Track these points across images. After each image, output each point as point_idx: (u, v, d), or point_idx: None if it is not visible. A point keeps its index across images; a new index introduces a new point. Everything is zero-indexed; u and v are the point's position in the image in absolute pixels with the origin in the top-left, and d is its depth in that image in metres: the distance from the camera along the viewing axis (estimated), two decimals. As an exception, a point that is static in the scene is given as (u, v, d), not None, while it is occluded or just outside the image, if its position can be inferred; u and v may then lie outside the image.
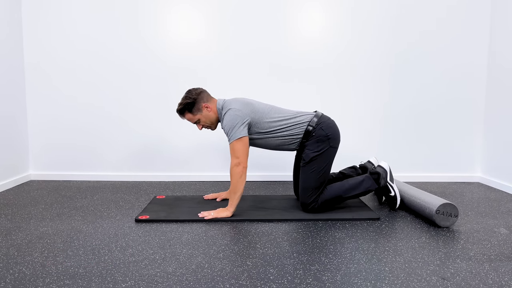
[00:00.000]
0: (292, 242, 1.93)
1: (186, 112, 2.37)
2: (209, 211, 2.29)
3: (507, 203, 2.70)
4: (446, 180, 3.40)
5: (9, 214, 2.35)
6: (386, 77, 3.32)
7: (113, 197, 2.78)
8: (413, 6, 3.26)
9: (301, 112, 2.43)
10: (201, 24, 3.25)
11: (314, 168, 2.32)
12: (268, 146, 2.43)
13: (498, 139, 3.20)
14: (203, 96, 2.37)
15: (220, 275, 1.57)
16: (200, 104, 2.35)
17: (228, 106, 2.30)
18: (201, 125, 2.42)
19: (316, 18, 3.26)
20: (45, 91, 3.26)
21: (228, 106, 2.30)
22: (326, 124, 2.37)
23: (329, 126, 2.37)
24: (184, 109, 2.36)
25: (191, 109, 2.35)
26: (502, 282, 1.52)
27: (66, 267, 1.63)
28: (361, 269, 1.63)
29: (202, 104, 2.35)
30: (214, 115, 2.38)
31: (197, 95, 2.35)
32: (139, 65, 3.25)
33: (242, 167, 2.23)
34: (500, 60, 3.18)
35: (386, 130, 3.38)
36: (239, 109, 2.27)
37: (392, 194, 2.44)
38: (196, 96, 2.35)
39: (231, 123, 2.23)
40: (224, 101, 2.37)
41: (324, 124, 2.37)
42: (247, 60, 3.27)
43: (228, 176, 3.30)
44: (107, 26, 3.21)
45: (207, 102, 2.36)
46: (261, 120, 2.33)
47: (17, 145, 3.15)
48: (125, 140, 3.33)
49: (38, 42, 3.21)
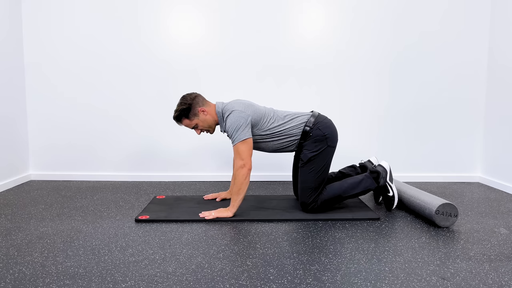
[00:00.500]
0: (292, 242, 1.93)
1: (183, 118, 2.35)
2: (210, 211, 2.29)
3: (507, 203, 2.70)
4: (446, 180, 3.40)
5: (9, 214, 2.35)
6: (385, 76, 3.32)
7: (113, 197, 2.78)
8: (412, 6, 3.26)
9: (298, 113, 2.43)
10: (201, 24, 3.24)
11: (313, 168, 2.32)
12: (267, 148, 2.43)
13: (498, 139, 3.20)
14: (198, 100, 2.35)
15: (220, 275, 1.57)
16: (196, 109, 2.33)
17: (231, 109, 2.29)
18: (199, 129, 2.40)
19: (316, 18, 3.26)
20: (45, 91, 3.26)
21: (231, 108, 2.29)
22: (323, 124, 2.37)
23: (326, 126, 2.37)
24: (181, 115, 2.34)
25: (187, 114, 2.33)
26: (502, 282, 1.52)
27: (66, 267, 1.63)
28: (361, 269, 1.63)
29: (198, 108, 2.33)
30: (212, 118, 2.36)
31: (192, 100, 2.34)
32: (139, 65, 3.25)
33: (247, 169, 2.22)
34: (500, 59, 3.18)
35: (385, 130, 3.38)
36: (242, 110, 2.27)
37: (390, 194, 2.44)
38: (191, 101, 2.33)
39: (235, 124, 2.22)
40: (223, 104, 2.36)
41: (321, 124, 2.37)
42: (247, 60, 3.26)
43: (228, 176, 3.30)
44: (107, 26, 3.21)
45: (203, 106, 2.35)
46: (261, 122, 2.33)
47: (17, 145, 3.15)
48: (125, 140, 3.33)
49: (38, 42, 3.21)
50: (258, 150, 2.46)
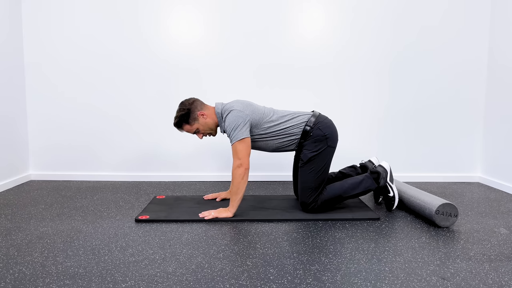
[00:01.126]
0: (292, 242, 1.93)
1: (183, 124, 2.36)
2: (210, 211, 2.29)
3: (507, 203, 2.70)
4: (446, 180, 3.40)
5: (9, 214, 2.35)
6: (385, 77, 3.32)
7: (113, 197, 2.78)
8: (413, 5, 3.26)
9: (298, 112, 2.43)
10: (201, 23, 3.24)
11: (313, 168, 2.33)
12: (268, 148, 2.43)
13: (498, 139, 3.20)
14: (197, 104, 2.36)
15: (220, 275, 1.57)
16: (195, 113, 2.34)
17: (229, 108, 2.30)
18: (201, 134, 2.41)
19: (316, 17, 3.26)
20: (45, 91, 3.26)
21: (229, 108, 2.30)
22: (324, 124, 2.37)
23: (326, 126, 2.37)
24: (181, 122, 2.36)
25: (187, 120, 2.34)
26: (502, 282, 1.52)
27: (66, 267, 1.63)
28: (361, 269, 1.63)
29: (197, 112, 2.34)
30: (212, 121, 2.37)
31: (190, 105, 2.35)
32: (139, 64, 3.25)
33: (244, 168, 2.23)
34: (500, 59, 3.18)
35: (385, 130, 3.38)
36: (240, 110, 2.27)
37: (391, 195, 2.44)
38: (190, 106, 2.34)
39: (233, 124, 2.23)
40: (223, 104, 2.37)
41: (322, 123, 2.37)
42: (247, 60, 3.26)
43: (228, 176, 3.30)
44: (107, 26, 3.21)
45: (202, 110, 2.36)
46: (261, 121, 2.33)
47: (17, 145, 3.15)
48: (125, 140, 3.33)
49: (38, 42, 3.21)
50: (259, 149, 2.46)
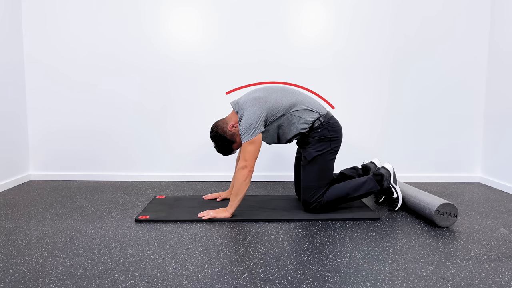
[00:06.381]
0: (292, 242, 1.93)
1: (229, 147, 2.35)
2: (208, 211, 2.29)
3: (507, 203, 2.70)
4: (446, 180, 3.40)
5: (9, 214, 2.35)
6: (385, 77, 3.32)
7: (113, 197, 2.78)
8: (413, 5, 3.26)
9: (316, 105, 2.38)
10: (201, 22, 3.24)
11: (315, 167, 2.32)
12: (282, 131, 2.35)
13: (498, 139, 3.20)
14: (221, 124, 2.35)
15: (220, 275, 1.57)
16: (226, 132, 2.32)
17: (242, 106, 2.29)
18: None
19: (316, 16, 3.26)
20: (45, 91, 3.26)
21: (242, 106, 2.29)
22: (333, 125, 2.37)
23: (334, 129, 2.37)
24: (228, 147, 2.35)
25: (229, 141, 2.33)
26: (502, 282, 1.52)
27: (66, 267, 1.63)
28: (361, 269, 1.63)
29: (227, 129, 2.33)
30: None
31: (217, 129, 2.34)
32: (140, 64, 3.25)
33: (248, 170, 2.23)
34: (500, 59, 3.18)
35: (385, 130, 3.38)
36: (255, 111, 2.22)
37: (394, 196, 2.44)
38: (217, 129, 2.33)
39: (246, 124, 2.21)
40: (236, 103, 2.35)
41: (331, 124, 2.36)
42: (247, 59, 3.26)
43: (228, 176, 3.30)
44: (108, 26, 3.21)
45: (228, 123, 2.34)
46: (276, 107, 2.27)
47: (17, 145, 3.15)
48: (125, 140, 3.32)
49: (38, 41, 3.21)
50: (273, 138, 2.41)
